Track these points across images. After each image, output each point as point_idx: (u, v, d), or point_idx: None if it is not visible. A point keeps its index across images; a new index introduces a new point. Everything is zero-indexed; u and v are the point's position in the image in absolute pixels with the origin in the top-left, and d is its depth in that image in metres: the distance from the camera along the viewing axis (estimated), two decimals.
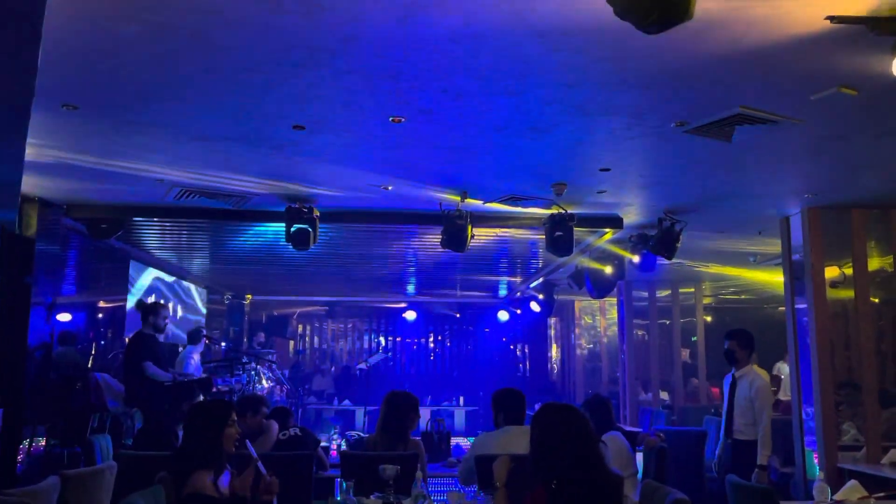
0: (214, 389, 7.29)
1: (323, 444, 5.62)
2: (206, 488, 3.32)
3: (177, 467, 3.41)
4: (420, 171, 5.19)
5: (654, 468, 5.23)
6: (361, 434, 6.24)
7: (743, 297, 12.60)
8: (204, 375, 7.46)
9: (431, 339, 16.24)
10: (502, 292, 13.25)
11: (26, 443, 6.12)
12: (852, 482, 4.17)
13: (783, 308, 6.60)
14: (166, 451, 4.16)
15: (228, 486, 3.50)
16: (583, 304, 14.14)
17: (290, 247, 6.24)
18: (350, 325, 16.35)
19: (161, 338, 7.09)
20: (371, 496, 3.74)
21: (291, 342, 15.72)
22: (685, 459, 6.06)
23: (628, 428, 6.24)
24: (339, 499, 3.55)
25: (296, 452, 4.64)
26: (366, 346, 16.14)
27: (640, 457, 5.57)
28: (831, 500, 4.04)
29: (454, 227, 6.02)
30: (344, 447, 5.84)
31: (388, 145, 4.56)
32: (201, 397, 6.35)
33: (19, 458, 5.73)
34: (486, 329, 15.47)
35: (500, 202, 6.00)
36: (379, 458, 4.14)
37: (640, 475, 5.17)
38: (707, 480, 6.38)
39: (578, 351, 14.31)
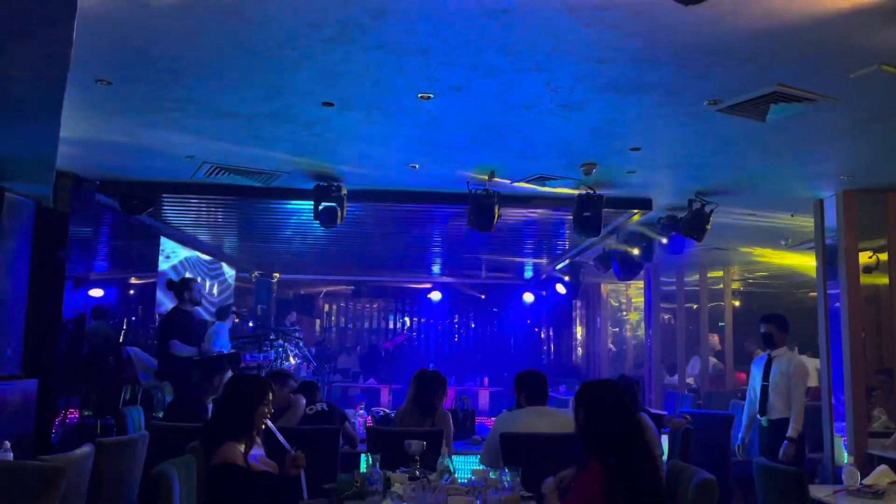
0: (242, 365, 7.40)
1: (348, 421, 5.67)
2: (236, 459, 3.39)
3: (208, 438, 3.47)
4: (448, 150, 5.17)
5: (679, 450, 5.22)
6: (388, 411, 6.28)
7: (772, 281, 12.42)
8: (232, 351, 7.57)
9: (456, 321, 16.27)
10: (528, 274, 13.22)
11: (61, 414, 6.27)
12: (882, 467, 4.12)
13: (813, 294, 6.52)
14: (196, 424, 4.24)
15: (258, 461, 3.56)
16: (609, 287, 14.06)
17: (318, 225, 6.29)
18: (375, 306, 16.45)
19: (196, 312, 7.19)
20: (397, 471, 3.76)
21: (318, 321, 15.86)
22: (711, 443, 6.01)
23: (654, 410, 6.20)
24: (364, 471, 3.58)
25: (322, 426, 4.70)
26: (391, 326, 16.23)
27: (665, 439, 5.57)
28: (861, 484, 4.00)
29: (481, 206, 6.01)
30: (370, 423, 5.90)
31: (417, 123, 4.55)
32: (230, 372, 6.44)
33: (54, 427, 5.88)
34: (510, 313, 15.45)
35: (528, 182, 5.97)
36: (405, 434, 4.18)
37: (665, 457, 5.16)
38: (732, 465, 6.34)
39: (603, 334, 14.26)
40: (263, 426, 3.62)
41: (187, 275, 8.62)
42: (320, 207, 6.10)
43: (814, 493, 3.75)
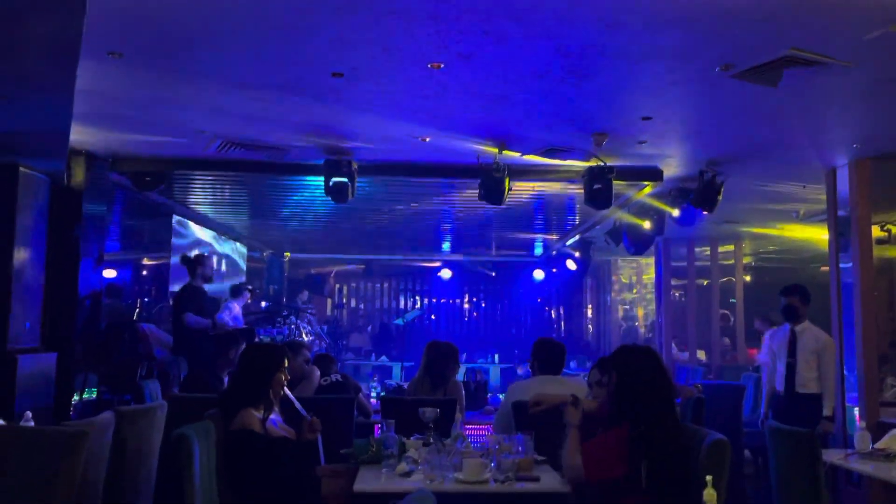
0: (257, 340, 7.46)
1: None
2: (253, 425, 3.44)
3: (226, 405, 3.53)
4: (458, 122, 5.17)
5: (691, 420, 5.23)
6: (401, 383, 6.34)
7: (784, 256, 12.37)
8: (246, 326, 7.63)
9: (466, 299, 16.32)
10: (538, 251, 13.23)
11: (77, 392, 6.36)
12: (895, 431, 4.14)
13: (825, 268, 6.49)
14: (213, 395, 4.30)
15: (277, 426, 3.62)
16: (619, 263, 14.05)
17: (329, 201, 6.32)
18: (386, 285, 16.51)
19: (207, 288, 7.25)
20: (411, 438, 3.81)
21: (329, 300, 15.95)
22: (723, 413, 6.03)
23: None
24: (379, 437, 3.64)
25: (337, 396, 4.75)
26: (402, 305, 16.30)
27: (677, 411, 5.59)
28: (872, 447, 4.02)
29: (491, 179, 6.02)
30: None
31: (427, 94, 4.55)
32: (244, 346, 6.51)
33: (72, 404, 5.97)
34: (521, 290, 15.47)
35: (539, 154, 5.96)
36: (418, 403, 4.22)
37: None
38: (744, 435, 6.37)
39: (614, 311, 14.27)
40: (281, 393, 3.67)
41: (195, 252, 8.66)
42: (331, 183, 6.12)
43: (826, 457, 3.77)
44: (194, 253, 7.79)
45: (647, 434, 2.91)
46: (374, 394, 6.08)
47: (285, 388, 3.74)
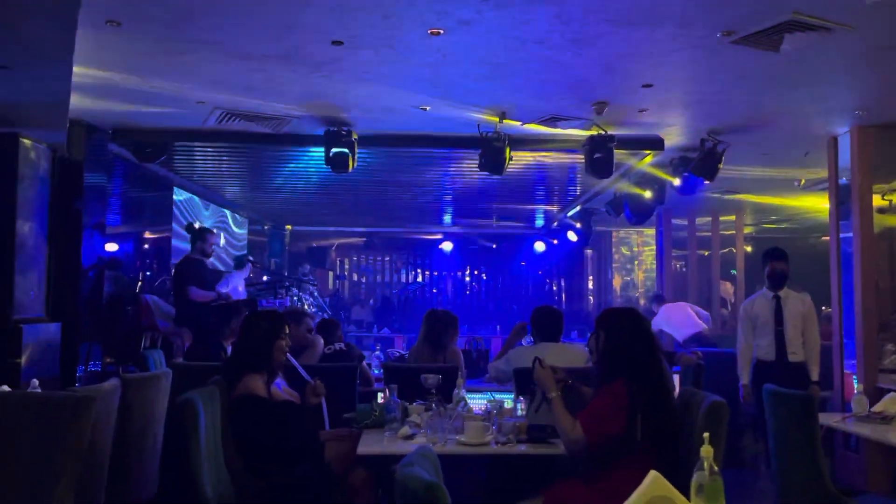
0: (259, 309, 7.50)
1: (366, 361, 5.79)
2: (258, 389, 3.50)
3: (229, 370, 3.58)
4: (458, 90, 5.15)
5: (690, 385, 5.29)
6: (402, 352, 6.40)
7: (785, 226, 12.38)
8: (248, 297, 7.68)
9: (468, 272, 16.36)
10: (539, 222, 13.24)
11: (83, 362, 6.43)
12: (892, 394, 4.19)
13: (826, 238, 6.50)
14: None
15: (282, 390, 3.68)
16: (620, 234, 14.08)
17: (329, 172, 6.32)
18: (387, 259, 16.53)
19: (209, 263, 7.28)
20: (414, 403, 3.86)
21: (331, 273, 15.99)
22: (723, 380, 6.08)
23: (665, 349, 6.28)
24: (381, 402, 3.69)
25: (341, 363, 4.81)
26: (403, 279, 16.34)
27: (676, 379, 5.64)
28: (869, 411, 4.07)
29: (492, 149, 6.02)
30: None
31: (427, 62, 4.53)
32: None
33: (77, 373, 6.03)
34: (522, 262, 15.50)
35: (540, 123, 5.95)
36: (420, 370, 4.28)
37: (676, 393, 5.25)
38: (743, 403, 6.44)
39: (615, 283, 14.32)
40: (283, 360, 3.72)
41: (197, 224, 8.67)
42: (331, 153, 6.12)
43: (823, 421, 3.82)
44: (198, 225, 7.81)
45: (639, 387, 3.01)
46: (376, 363, 6.13)
47: (288, 355, 3.79)
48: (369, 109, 5.65)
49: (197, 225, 7.49)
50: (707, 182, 6.69)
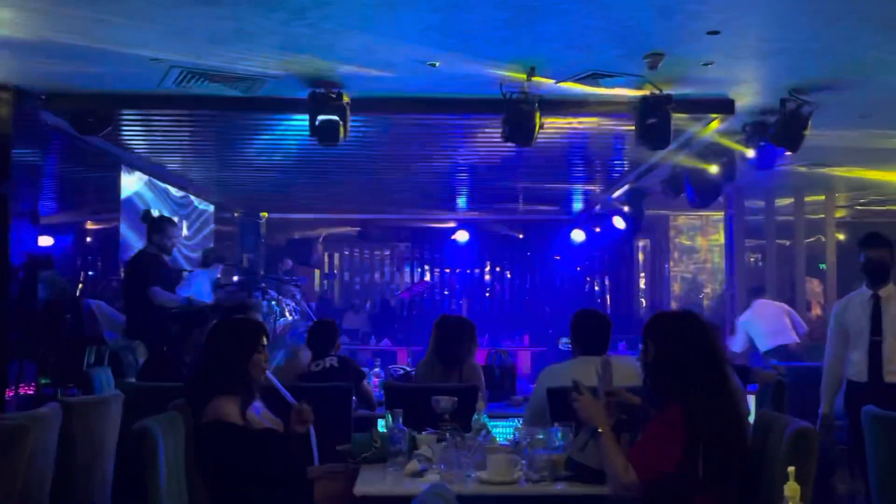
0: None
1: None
2: (229, 415, 3.52)
3: (195, 392, 3.60)
4: (475, 40, 5.17)
5: (769, 408, 5.29)
6: (408, 368, 6.43)
7: (887, 207, 12.29)
8: (215, 302, 7.74)
9: (488, 268, 16.38)
10: (577, 206, 13.24)
11: (13, 385, 6.49)
12: None
13: None
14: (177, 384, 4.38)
15: (260, 415, 3.70)
16: (679, 220, 14.05)
17: (314, 147, 6.35)
18: (387, 252, 16.57)
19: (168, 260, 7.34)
20: (422, 433, 3.87)
21: (317, 271, 16.06)
22: (809, 401, 6.06)
23: (738, 362, 6.30)
24: (383, 431, 3.71)
25: (331, 383, 4.83)
26: (406, 278, 16.39)
27: (751, 401, 5.64)
28: None
29: (518, 114, 6.03)
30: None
31: (437, 5, 4.55)
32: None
33: (7, 397, 6.11)
34: (556, 256, 15.51)
35: (577, 81, 5.96)
36: (430, 391, 4.29)
37: (751, 417, 5.25)
38: (837, 429, 6.42)
39: (672, 280, 14.29)
40: (263, 378, 3.74)
41: (155, 212, 8.73)
42: (317, 121, 6.14)
43: None
44: (157, 213, 7.86)
45: (700, 412, 2.97)
46: (375, 382, 6.16)
47: (268, 373, 3.81)
48: (364, 66, 5.67)
49: (156, 213, 7.54)
50: (789, 153, 6.67)
